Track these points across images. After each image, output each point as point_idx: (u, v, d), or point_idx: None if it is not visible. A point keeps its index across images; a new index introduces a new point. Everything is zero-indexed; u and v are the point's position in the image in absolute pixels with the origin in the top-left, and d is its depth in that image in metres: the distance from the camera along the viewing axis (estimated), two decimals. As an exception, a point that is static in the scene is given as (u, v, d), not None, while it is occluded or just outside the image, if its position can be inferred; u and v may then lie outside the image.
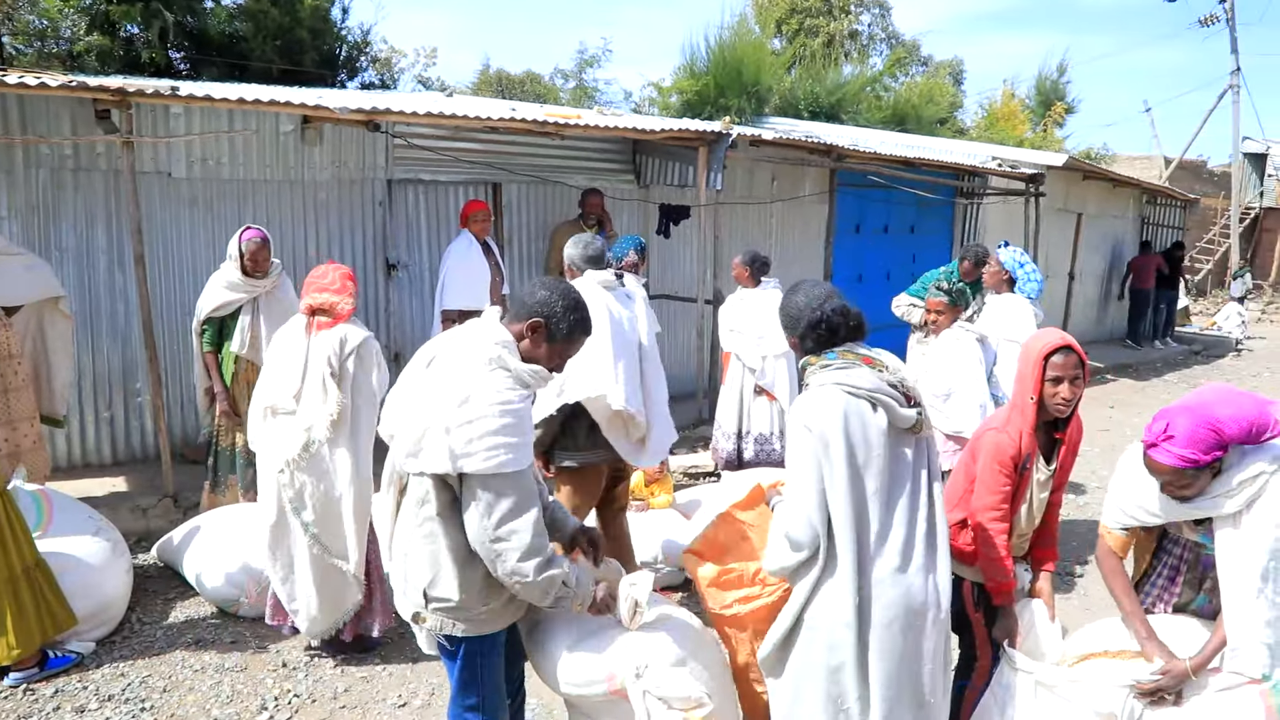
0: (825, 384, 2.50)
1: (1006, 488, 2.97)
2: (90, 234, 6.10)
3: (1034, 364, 2.94)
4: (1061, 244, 13.45)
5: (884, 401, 2.47)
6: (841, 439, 2.41)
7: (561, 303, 2.43)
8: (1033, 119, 25.19)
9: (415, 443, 2.35)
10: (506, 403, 2.28)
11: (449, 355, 2.41)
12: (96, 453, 6.33)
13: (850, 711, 2.47)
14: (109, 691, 3.88)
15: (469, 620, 2.45)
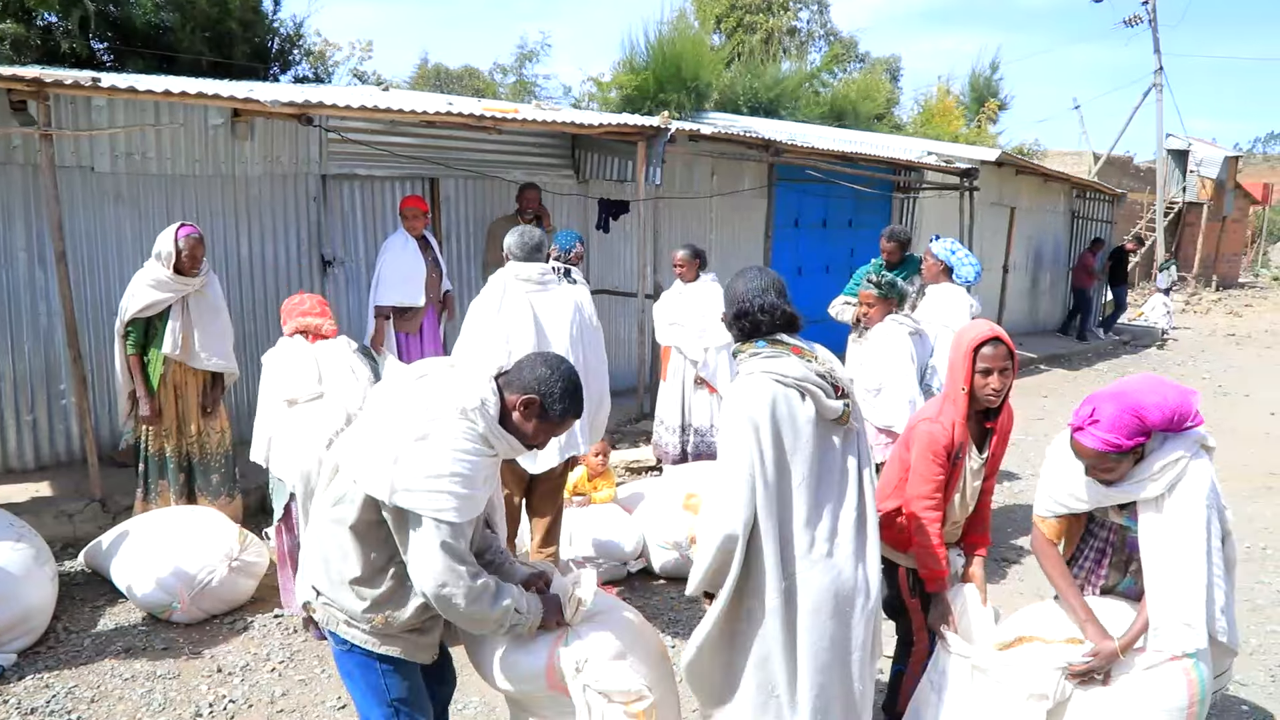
0: (754, 372, 2.54)
1: (940, 477, 3.03)
2: (8, 231, 5.87)
3: (964, 355, 3.01)
4: (995, 237, 13.76)
5: (811, 391, 2.50)
6: (769, 425, 2.45)
7: (561, 384, 2.38)
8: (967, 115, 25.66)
9: (363, 454, 2.31)
10: (463, 452, 2.24)
11: (434, 385, 2.36)
12: (19, 457, 6.11)
13: (781, 699, 2.50)
14: (32, 704, 3.75)
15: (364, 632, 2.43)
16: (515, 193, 7.51)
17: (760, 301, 2.59)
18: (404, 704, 2.52)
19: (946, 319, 5.51)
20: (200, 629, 4.43)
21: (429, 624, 2.50)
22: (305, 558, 2.54)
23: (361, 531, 2.34)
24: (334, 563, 2.40)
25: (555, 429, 2.45)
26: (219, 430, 5.27)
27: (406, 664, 2.49)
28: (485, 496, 2.35)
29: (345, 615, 2.42)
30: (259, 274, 6.83)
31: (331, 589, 2.43)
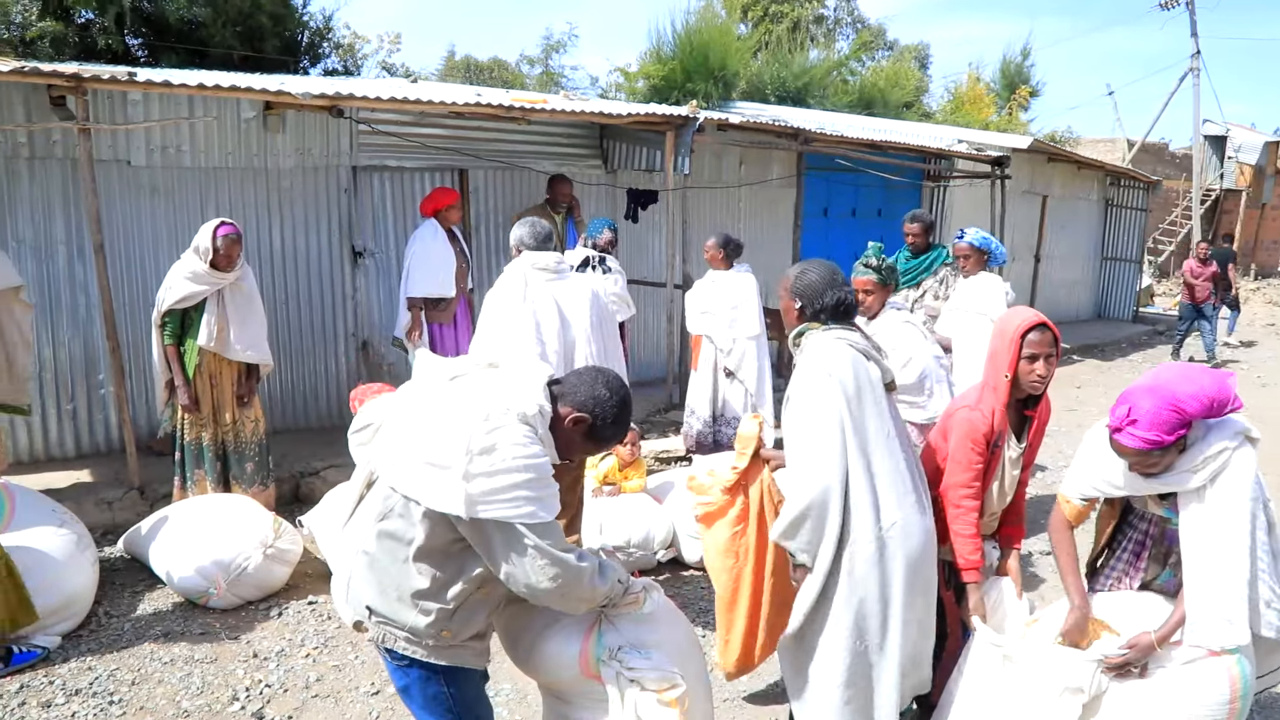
0: (828, 340, 2.78)
1: (979, 465, 3.00)
2: (48, 224, 5.98)
3: (1010, 341, 2.96)
4: (1027, 226, 13.61)
5: (874, 357, 2.80)
6: (852, 382, 2.69)
7: (615, 410, 2.35)
8: (998, 103, 25.37)
9: (413, 468, 2.23)
10: (531, 456, 2.21)
11: (478, 390, 2.30)
12: (59, 446, 6.23)
13: (870, 648, 2.71)
14: (76, 685, 3.83)
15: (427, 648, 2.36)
16: (544, 183, 7.53)
17: (838, 294, 2.86)
18: (467, 711, 2.47)
19: (983, 307, 5.45)
20: (236, 615, 4.50)
21: (489, 628, 2.48)
22: (351, 575, 2.46)
23: (428, 548, 2.26)
24: (391, 580, 2.32)
25: (595, 449, 2.44)
26: (253, 419, 5.34)
27: (467, 670, 2.45)
28: (557, 492, 2.29)
29: (406, 632, 2.34)
30: (291, 265, 6.90)
31: (388, 607, 2.34)
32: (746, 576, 3.25)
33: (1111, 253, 16.64)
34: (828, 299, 2.85)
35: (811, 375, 2.73)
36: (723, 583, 3.31)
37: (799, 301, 2.90)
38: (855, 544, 2.68)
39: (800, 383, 2.76)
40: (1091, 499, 2.97)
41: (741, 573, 3.26)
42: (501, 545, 2.20)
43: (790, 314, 2.95)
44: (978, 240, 5.63)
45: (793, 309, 2.93)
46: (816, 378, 2.71)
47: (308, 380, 7.08)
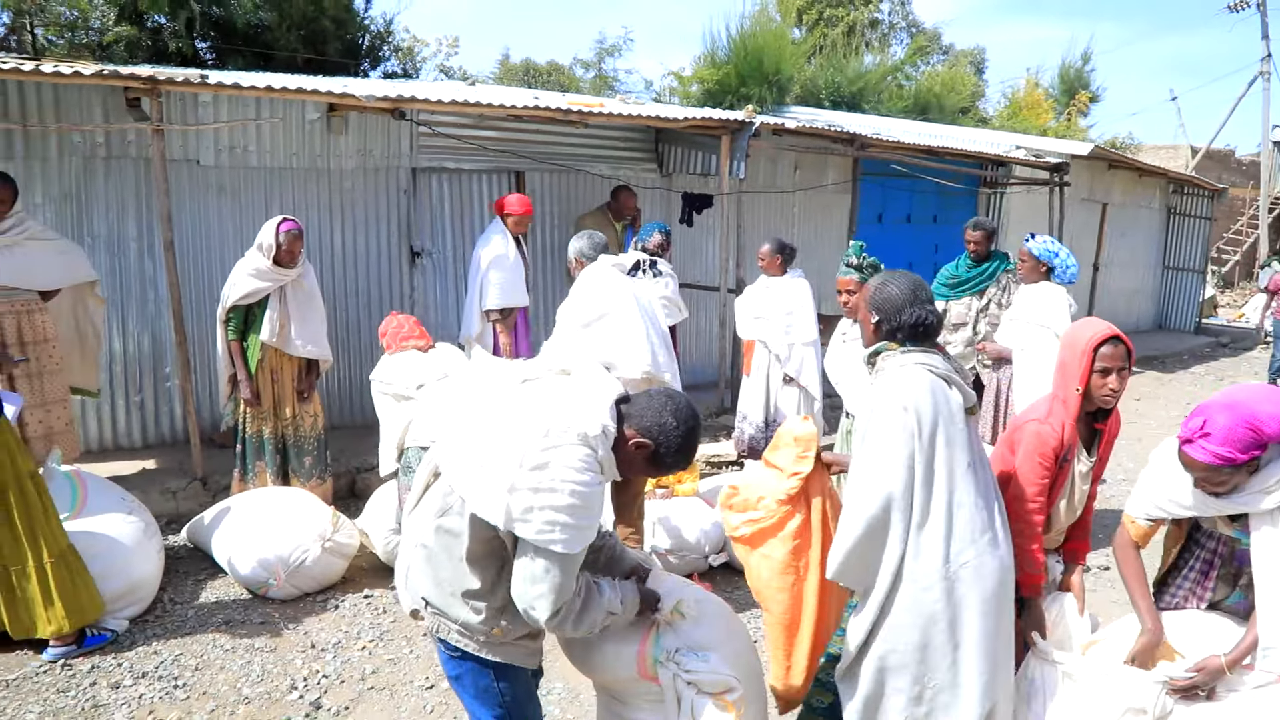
0: (907, 365, 2.61)
1: (1045, 480, 2.95)
2: (121, 221, 6.17)
3: (1082, 354, 2.89)
4: (1086, 234, 13.36)
5: (956, 381, 2.63)
6: (929, 412, 2.52)
7: (680, 439, 2.30)
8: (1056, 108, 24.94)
9: (472, 471, 2.26)
10: (581, 484, 2.16)
11: (545, 401, 2.29)
12: (127, 435, 6.42)
13: (937, 688, 2.56)
14: (143, 669, 3.95)
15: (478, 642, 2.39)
16: (600, 186, 7.58)
17: (919, 313, 2.67)
18: (517, 707, 2.49)
19: (1044, 319, 5.36)
20: (294, 606, 4.60)
21: (540, 630, 2.48)
22: (409, 565, 2.50)
23: (474, 549, 2.28)
24: (446, 575, 2.35)
25: (656, 474, 2.41)
26: (312, 414, 5.45)
27: (517, 668, 2.47)
28: (596, 526, 2.27)
29: (459, 625, 2.38)
30: (351, 264, 7.03)
31: (442, 600, 2.38)
32: (810, 593, 3.00)
33: (1174, 262, 16.26)
34: (906, 317, 2.66)
35: (886, 406, 2.57)
36: (781, 602, 3.01)
37: (876, 315, 2.73)
38: (921, 581, 2.52)
39: (874, 410, 2.61)
40: (1158, 520, 2.90)
41: (804, 590, 3.00)
42: (525, 558, 2.20)
43: (867, 327, 2.78)
44: (1038, 250, 5.50)
45: (870, 323, 2.76)
46: (891, 410, 2.55)
47: (363, 378, 7.18)
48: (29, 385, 4.90)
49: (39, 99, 5.77)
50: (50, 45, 10.08)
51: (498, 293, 6.28)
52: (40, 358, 4.95)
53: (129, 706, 3.69)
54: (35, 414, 4.95)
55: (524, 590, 2.20)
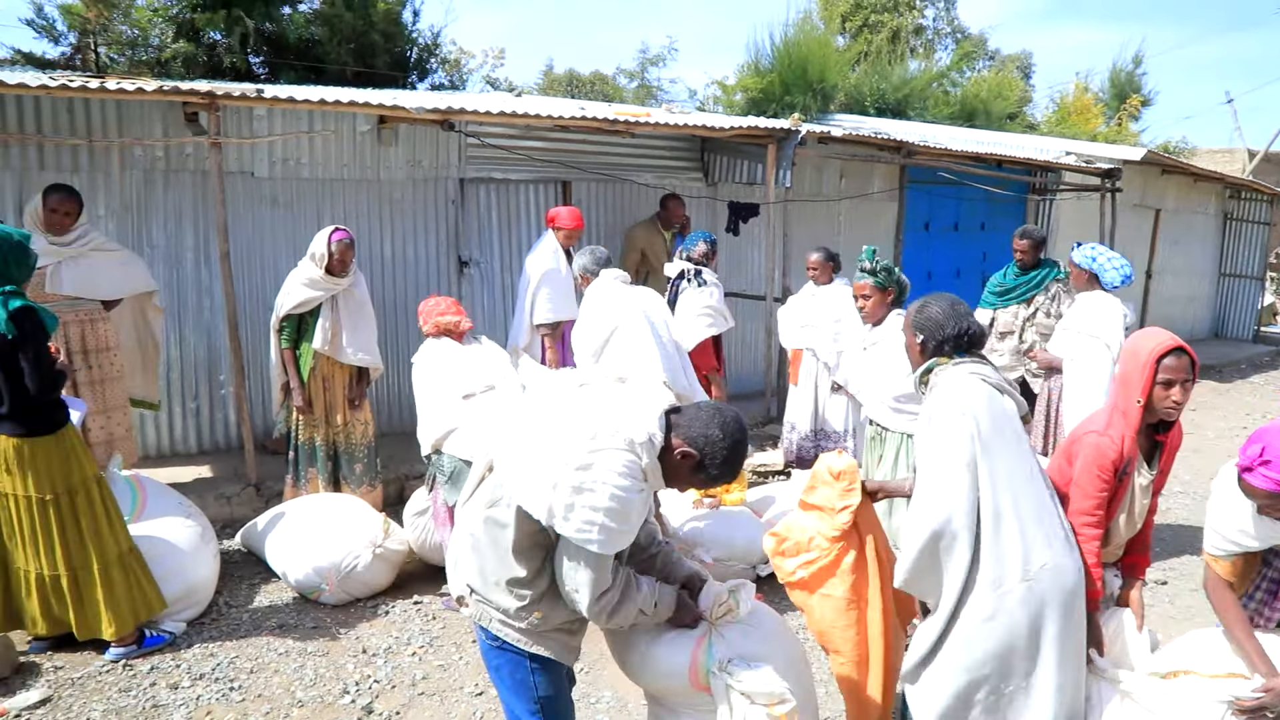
0: (961, 375, 2.68)
1: (1104, 493, 2.89)
2: (178, 232, 6.32)
3: (1144, 366, 2.83)
4: (1139, 241, 13.10)
5: (1008, 390, 2.71)
6: (987, 420, 2.58)
7: (725, 452, 2.33)
8: (1106, 113, 24.48)
9: (522, 467, 2.33)
10: (621, 489, 2.23)
11: (597, 405, 2.35)
12: (183, 442, 6.57)
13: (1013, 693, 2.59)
14: (200, 670, 4.03)
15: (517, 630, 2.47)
16: (646, 196, 7.60)
17: (961, 325, 2.80)
18: (550, 703, 2.55)
19: (1095, 329, 5.26)
20: (345, 611, 4.67)
21: (578, 626, 2.54)
22: (458, 553, 2.60)
23: (520, 540, 2.36)
24: (489, 564, 2.44)
25: (702, 485, 2.45)
26: (363, 422, 5.53)
27: (554, 664, 2.53)
28: (637, 529, 2.34)
29: (500, 613, 2.46)
30: (400, 273, 7.13)
31: (486, 588, 2.47)
32: (875, 627, 2.97)
33: (1231, 269, 15.88)
34: (950, 330, 2.78)
35: (944, 412, 2.62)
36: (848, 640, 2.97)
37: (921, 335, 2.84)
38: (1003, 585, 2.55)
39: (931, 420, 2.66)
40: (1237, 555, 2.82)
41: (868, 624, 2.98)
42: (565, 552, 2.32)
43: (914, 350, 2.89)
44: (1079, 259, 5.41)
45: (915, 344, 2.87)
46: (949, 415, 2.60)
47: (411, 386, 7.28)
48: (91, 392, 5.04)
49: (103, 115, 5.94)
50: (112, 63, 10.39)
51: (548, 307, 6.30)
52: (103, 365, 5.09)
53: (187, 707, 3.77)
54: (97, 420, 5.08)
55: (566, 577, 2.33)
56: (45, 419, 3.85)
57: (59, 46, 10.54)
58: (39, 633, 4.05)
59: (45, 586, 3.96)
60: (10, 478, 3.81)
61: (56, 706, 3.73)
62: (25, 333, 3.68)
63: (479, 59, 16.10)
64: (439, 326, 4.68)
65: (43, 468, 3.82)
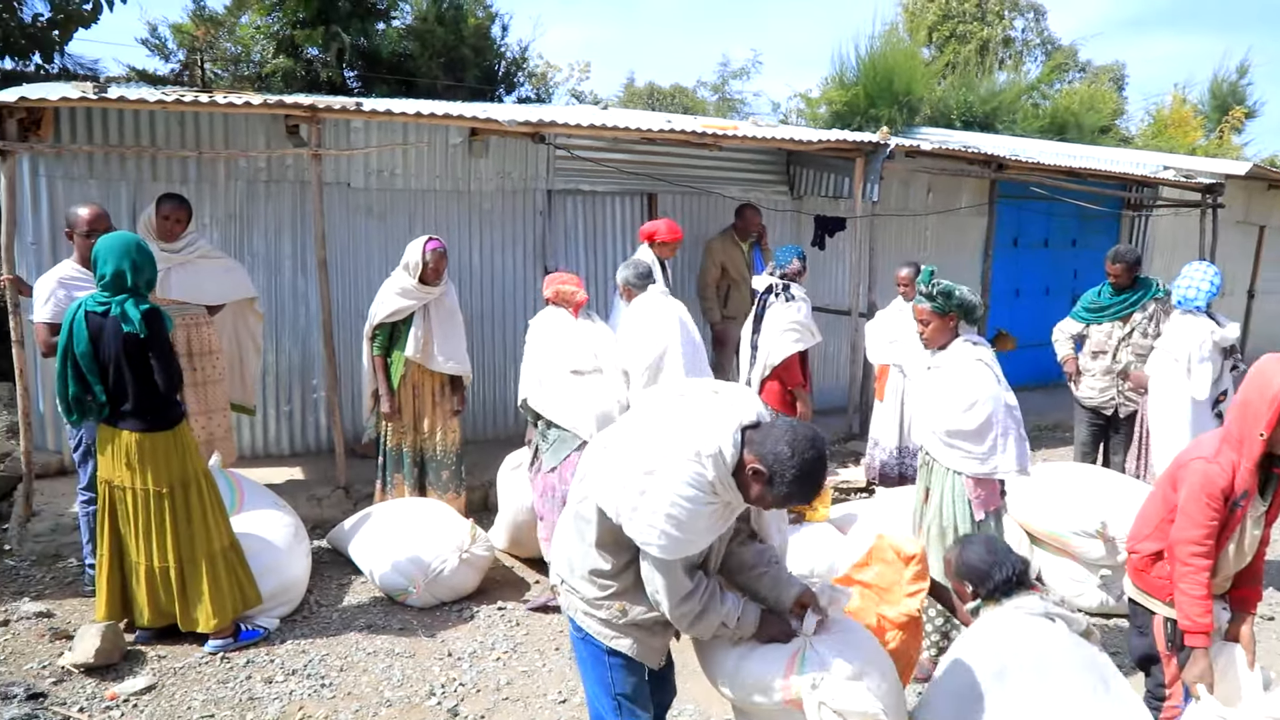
0: (1005, 614, 2.85)
1: (1213, 522, 2.79)
2: (278, 241, 6.55)
3: (1272, 400, 2.71)
4: (1241, 259, 12.56)
5: (1061, 613, 2.84)
6: (1031, 658, 2.68)
7: (795, 470, 2.30)
8: (1206, 125, 23.56)
9: (607, 467, 2.45)
10: (685, 498, 2.27)
11: (684, 416, 2.39)
12: (276, 444, 6.77)
13: None
14: (293, 666, 4.15)
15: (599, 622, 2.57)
16: (731, 209, 7.59)
17: (1004, 571, 2.91)
18: (627, 699, 2.62)
19: (1178, 352, 5.10)
20: (431, 614, 4.75)
21: (659, 627, 2.58)
22: (556, 545, 2.72)
23: (602, 535, 2.48)
24: (577, 555, 2.56)
25: (778, 503, 2.44)
26: (452, 430, 5.62)
27: (634, 662, 2.59)
28: (705, 540, 2.38)
29: (585, 604, 2.56)
30: (488, 283, 7.26)
31: (573, 578, 2.59)
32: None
33: (1342, 290, 15.10)
34: (997, 577, 2.90)
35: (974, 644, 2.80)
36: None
37: (970, 586, 2.99)
38: None
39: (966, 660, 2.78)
40: None
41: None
42: (643, 556, 2.44)
43: (965, 595, 3.04)
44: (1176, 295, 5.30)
45: (965, 590, 3.02)
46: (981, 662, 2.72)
47: (499, 393, 7.40)
48: (195, 394, 5.24)
49: (211, 128, 6.19)
50: (216, 78, 10.83)
51: None
52: (205, 368, 5.29)
53: (280, 701, 3.88)
54: (199, 420, 5.28)
55: (647, 579, 2.44)
56: (165, 415, 4.05)
57: (169, 64, 11.04)
58: (145, 624, 4.22)
59: (154, 578, 4.13)
60: (130, 472, 3.99)
61: (160, 694, 3.88)
62: (155, 333, 3.89)
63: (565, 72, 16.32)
64: (558, 294, 4.96)
65: (161, 462, 4.01)
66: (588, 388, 4.68)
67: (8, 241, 4.95)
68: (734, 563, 2.63)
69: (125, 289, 3.91)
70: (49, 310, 4.41)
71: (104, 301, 3.89)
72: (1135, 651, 3.23)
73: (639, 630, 2.56)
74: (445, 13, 11.34)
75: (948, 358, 3.93)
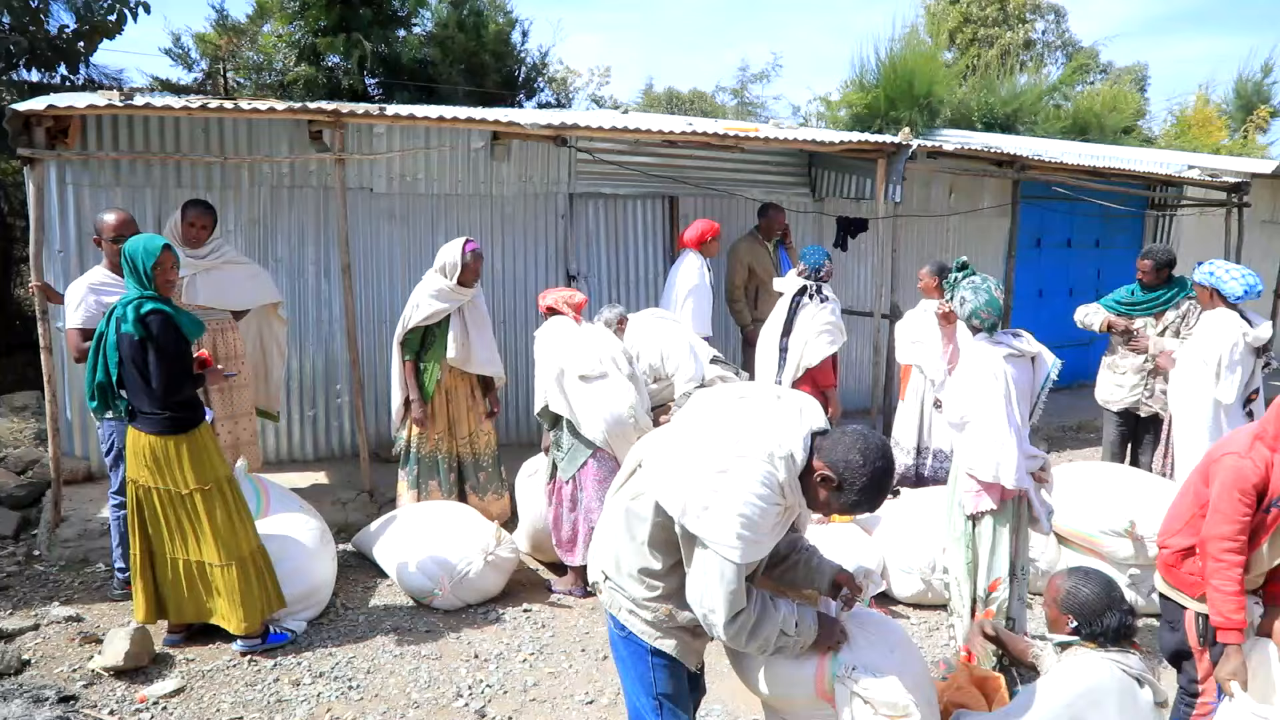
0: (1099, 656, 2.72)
1: (1245, 517, 2.76)
2: (301, 246, 6.59)
3: None
4: (1268, 259, 12.40)
5: (1149, 680, 2.71)
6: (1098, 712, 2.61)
7: (866, 479, 2.31)
8: (1230, 125, 23.33)
9: (667, 464, 2.40)
10: (758, 498, 2.26)
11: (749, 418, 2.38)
12: (301, 449, 6.81)
13: None
14: (320, 669, 4.16)
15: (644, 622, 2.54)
16: (753, 210, 7.57)
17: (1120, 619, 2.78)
18: (669, 699, 2.60)
19: (1206, 354, 4.97)
20: (457, 616, 4.75)
21: (701, 630, 2.54)
22: (598, 541, 2.69)
23: (657, 534, 2.45)
24: (626, 553, 2.53)
25: (844, 510, 2.44)
26: (487, 432, 5.61)
27: (676, 662, 2.57)
28: (771, 543, 2.37)
29: (630, 602, 2.54)
30: (510, 286, 7.28)
31: (619, 576, 2.55)
32: None
33: (1370, 289, 14.90)
34: (1110, 622, 2.77)
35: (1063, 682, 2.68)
36: None
37: (1074, 621, 2.83)
38: None
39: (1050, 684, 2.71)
40: None
41: None
42: (698, 559, 2.34)
43: (1060, 625, 2.87)
44: (1200, 277, 5.13)
45: (1064, 622, 2.85)
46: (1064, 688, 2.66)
47: (525, 397, 7.40)
48: (220, 398, 5.27)
49: (235, 135, 6.26)
50: (239, 87, 10.97)
51: (697, 322, 6.49)
52: (231, 373, 5.32)
53: (309, 704, 3.89)
54: (225, 425, 5.31)
55: (699, 595, 2.35)
56: (175, 420, 4.01)
57: (192, 73, 11.22)
58: (180, 620, 4.24)
59: (188, 573, 4.15)
60: (150, 473, 4.02)
61: (189, 696, 3.90)
62: (154, 335, 3.87)
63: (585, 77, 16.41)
64: (558, 301, 5.03)
65: (176, 466, 4.02)
66: (596, 393, 4.72)
67: (36, 249, 5.01)
68: (769, 557, 2.59)
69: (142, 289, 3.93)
70: (80, 316, 4.45)
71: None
72: (1166, 647, 3.19)
73: (683, 632, 2.55)
74: (466, 19, 11.44)
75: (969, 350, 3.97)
